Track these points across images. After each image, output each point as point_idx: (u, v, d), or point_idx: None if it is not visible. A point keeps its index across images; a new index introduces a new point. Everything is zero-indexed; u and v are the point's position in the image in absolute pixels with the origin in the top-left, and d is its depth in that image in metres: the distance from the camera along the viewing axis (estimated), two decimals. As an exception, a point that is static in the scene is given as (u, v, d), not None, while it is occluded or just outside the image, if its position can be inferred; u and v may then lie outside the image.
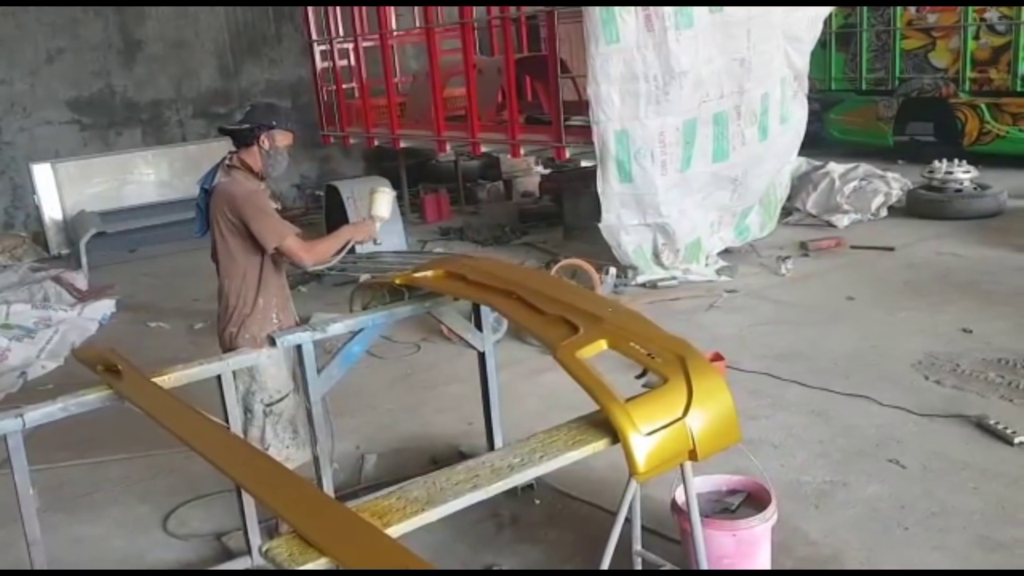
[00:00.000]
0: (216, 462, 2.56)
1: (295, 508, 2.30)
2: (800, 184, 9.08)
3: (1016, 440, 4.13)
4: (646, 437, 2.60)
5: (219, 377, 3.40)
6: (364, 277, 7.59)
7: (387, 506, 2.34)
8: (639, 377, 2.99)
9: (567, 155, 7.86)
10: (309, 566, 2.10)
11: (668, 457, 2.65)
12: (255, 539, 3.59)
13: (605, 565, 2.83)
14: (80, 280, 9.02)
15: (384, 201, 4.03)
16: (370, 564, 2.05)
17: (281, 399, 3.70)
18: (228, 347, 3.65)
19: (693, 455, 2.69)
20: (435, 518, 2.35)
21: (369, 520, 2.25)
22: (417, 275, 3.79)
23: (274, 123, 3.69)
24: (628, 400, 2.69)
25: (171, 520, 4.15)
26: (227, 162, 3.72)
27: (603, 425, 2.69)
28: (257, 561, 3.56)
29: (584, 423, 2.77)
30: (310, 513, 2.27)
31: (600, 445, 2.67)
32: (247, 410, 3.66)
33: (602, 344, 2.96)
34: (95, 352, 3.48)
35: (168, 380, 3.23)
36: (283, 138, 3.73)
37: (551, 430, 2.74)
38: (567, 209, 9.17)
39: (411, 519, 2.30)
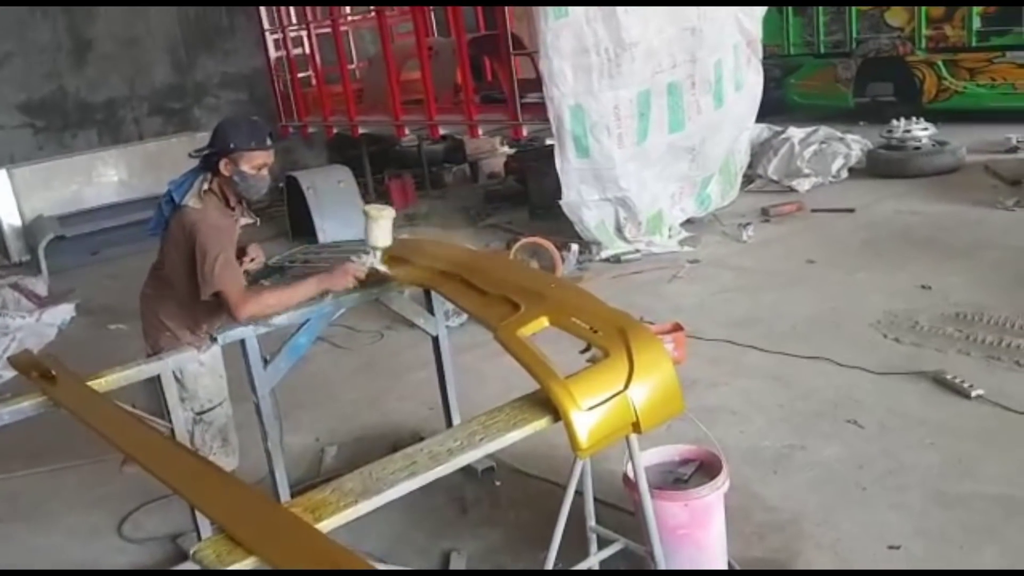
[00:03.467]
0: (147, 464, 2.50)
1: (224, 508, 2.24)
2: (761, 150, 9.06)
3: (973, 394, 4.13)
4: (587, 412, 2.55)
5: (158, 377, 3.33)
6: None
7: (320, 500, 2.29)
8: (584, 352, 2.95)
9: (524, 133, 7.80)
10: (236, 566, 2.05)
11: (611, 431, 2.61)
12: (206, 536, 3.53)
13: (555, 544, 2.81)
14: (40, 286, 8.89)
15: (381, 227, 3.47)
16: (298, 562, 2.00)
17: (213, 408, 3.61)
18: (154, 348, 3.55)
19: (637, 427, 2.65)
20: (369, 509, 2.30)
21: (301, 516, 2.21)
22: (360, 262, 3.71)
23: (232, 146, 3.26)
24: (569, 376, 2.66)
25: (126, 525, 4.08)
26: (205, 185, 3.35)
27: (545, 403, 2.65)
28: (212, 561, 3.51)
29: (526, 402, 2.72)
30: (239, 512, 2.21)
31: (542, 423, 2.63)
32: None
33: (544, 321, 2.91)
34: (29, 358, 3.41)
35: (104, 383, 3.16)
36: (250, 160, 3.30)
37: (492, 411, 2.69)
38: (532, 188, 9.10)
39: (344, 512, 2.24)
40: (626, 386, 2.64)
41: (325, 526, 2.20)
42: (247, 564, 2.04)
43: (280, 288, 3.48)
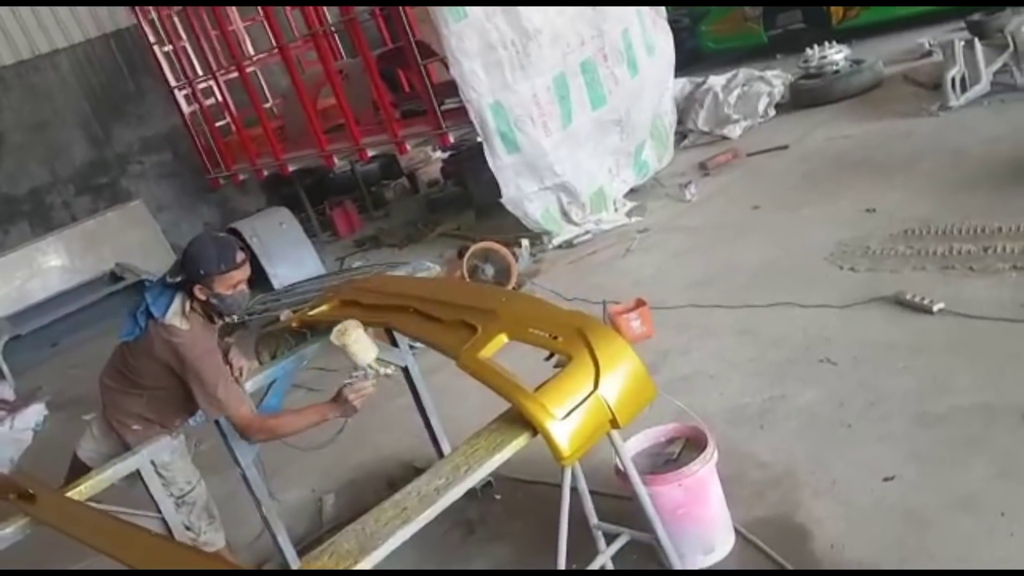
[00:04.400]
0: (142, 568, 2.49)
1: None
2: (687, 105, 9.11)
3: (935, 308, 4.20)
4: (563, 421, 2.58)
5: (138, 471, 3.31)
6: (284, 314, 7.46)
7: (320, 567, 2.29)
8: (548, 359, 2.97)
9: (451, 139, 7.77)
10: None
11: (590, 433, 2.63)
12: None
13: (562, 551, 2.83)
14: (5, 391, 8.73)
15: (356, 345, 3.16)
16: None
17: (192, 489, 3.59)
18: (119, 435, 3.51)
19: (615, 423, 2.68)
20: (370, 566, 2.31)
21: (304, 587, 2.21)
22: (312, 313, 3.71)
23: (202, 272, 3.17)
24: (538, 388, 2.67)
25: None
26: (187, 305, 3.26)
27: (520, 420, 2.67)
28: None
29: (502, 422, 2.73)
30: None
31: (521, 440, 2.64)
32: None
33: (503, 338, 2.92)
34: (3, 481, 3.36)
35: (83, 491, 3.14)
36: (224, 282, 3.20)
37: (471, 439, 2.71)
38: (472, 189, 9.08)
39: (346, 576, 2.26)
40: (596, 386, 2.66)
41: (330, 593, 2.20)
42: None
43: (288, 415, 3.43)
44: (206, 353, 3.27)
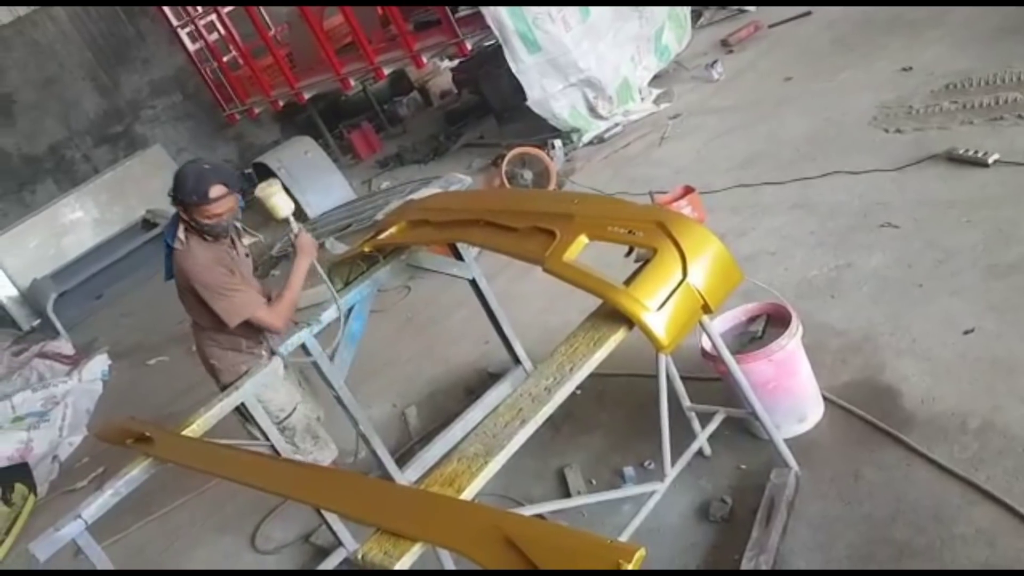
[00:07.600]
0: (280, 491, 2.63)
1: (370, 507, 2.36)
2: (700, -19, 8.91)
3: (990, 160, 4.19)
4: (658, 312, 2.65)
5: (242, 405, 3.45)
6: (329, 241, 7.56)
7: (452, 472, 2.41)
8: (628, 254, 3.04)
9: (469, 47, 7.67)
10: (407, 558, 2.17)
11: (685, 321, 2.71)
12: (338, 528, 3.68)
13: (666, 442, 2.95)
14: (65, 346, 8.95)
15: (280, 198, 3.55)
16: (463, 535, 2.13)
17: (289, 415, 3.73)
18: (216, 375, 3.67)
19: (707, 309, 2.75)
20: (500, 465, 2.43)
21: (441, 491, 2.34)
22: (382, 236, 3.76)
23: (179, 198, 3.27)
24: (629, 282, 2.75)
25: (256, 540, 4.25)
26: (182, 227, 3.37)
27: (615, 315, 2.75)
28: (351, 547, 3.67)
29: (597, 319, 2.81)
30: (386, 507, 2.34)
31: (619, 335, 2.73)
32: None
33: (583, 240, 2.97)
34: (115, 428, 3.51)
35: (196, 428, 3.28)
36: (200, 212, 3.28)
37: (569, 338, 2.79)
38: (489, 95, 8.98)
39: (479, 475, 2.37)
40: (684, 274, 2.72)
41: (469, 493, 2.33)
42: (415, 552, 2.17)
43: (284, 291, 3.54)
44: (207, 266, 3.38)
